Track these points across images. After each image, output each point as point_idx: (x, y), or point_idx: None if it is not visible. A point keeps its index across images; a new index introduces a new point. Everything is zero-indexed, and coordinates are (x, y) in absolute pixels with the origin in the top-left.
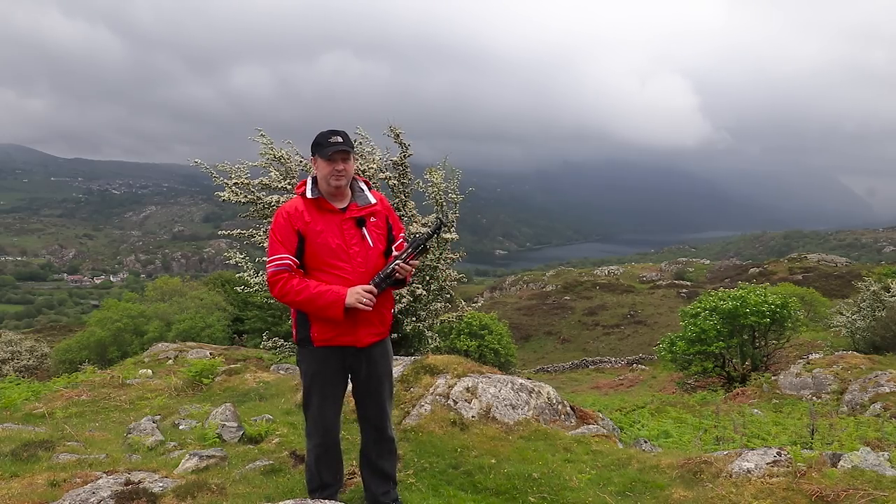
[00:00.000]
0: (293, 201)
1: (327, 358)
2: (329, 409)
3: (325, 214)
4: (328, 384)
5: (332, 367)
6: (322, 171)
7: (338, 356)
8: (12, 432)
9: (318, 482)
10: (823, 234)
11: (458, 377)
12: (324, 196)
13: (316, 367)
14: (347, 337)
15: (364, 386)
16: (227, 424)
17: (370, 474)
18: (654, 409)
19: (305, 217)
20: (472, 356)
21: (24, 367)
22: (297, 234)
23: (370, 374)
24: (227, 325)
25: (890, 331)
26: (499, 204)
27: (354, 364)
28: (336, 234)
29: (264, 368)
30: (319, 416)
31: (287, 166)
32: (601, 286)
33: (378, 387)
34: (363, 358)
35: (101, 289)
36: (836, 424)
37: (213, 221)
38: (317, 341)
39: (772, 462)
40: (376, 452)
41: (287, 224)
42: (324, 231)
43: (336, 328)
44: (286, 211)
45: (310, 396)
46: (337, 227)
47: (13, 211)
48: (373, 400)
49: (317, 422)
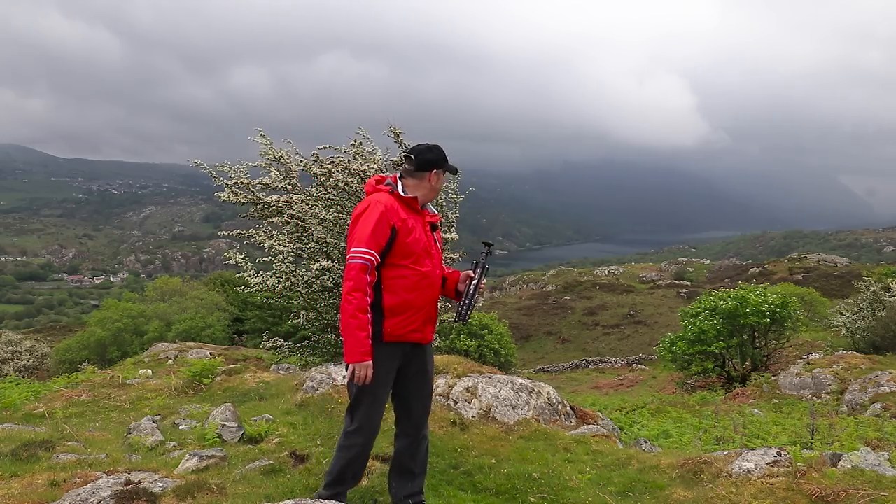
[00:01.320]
0: (384, 196)
1: (389, 356)
2: (377, 411)
3: (413, 214)
4: (382, 385)
5: (388, 368)
6: (434, 184)
7: (398, 354)
8: (12, 432)
9: (338, 478)
10: (823, 234)
11: (458, 377)
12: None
13: (379, 366)
14: (417, 334)
15: (413, 382)
16: (227, 424)
17: (399, 476)
18: (654, 409)
19: (401, 213)
20: (472, 356)
21: (24, 367)
22: (391, 229)
23: (423, 370)
24: (227, 325)
25: (890, 331)
26: (499, 204)
27: (406, 362)
28: (422, 233)
29: (264, 368)
30: (367, 417)
31: (287, 166)
32: (601, 286)
33: (424, 385)
34: (422, 353)
35: (101, 289)
36: (836, 424)
37: (213, 221)
38: (388, 336)
39: (772, 462)
40: (411, 454)
41: (385, 218)
42: (415, 229)
43: (411, 324)
44: (381, 204)
45: (362, 397)
46: (422, 227)
47: (13, 211)
48: (420, 397)
49: (363, 424)
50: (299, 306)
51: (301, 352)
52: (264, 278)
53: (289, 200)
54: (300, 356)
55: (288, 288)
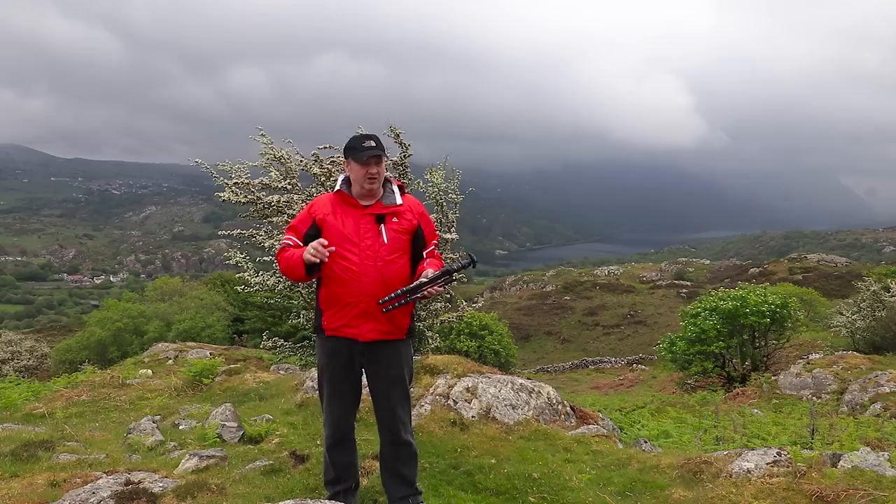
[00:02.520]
0: (324, 195)
1: (337, 350)
2: (337, 404)
3: (347, 208)
4: (336, 378)
5: (340, 361)
6: (356, 174)
7: (345, 349)
8: (12, 432)
9: (332, 474)
10: (823, 234)
11: (458, 377)
12: (349, 192)
13: (326, 359)
14: (351, 329)
15: (373, 386)
16: (227, 424)
17: (389, 477)
18: (654, 409)
19: (328, 208)
20: (472, 356)
21: (24, 367)
22: (312, 220)
23: (378, 376)
24: (227, 325)
25: (890, 331)
26: (499, 204)
27: (365, 363)
28: (351, 224)
29: (264, 368)
30: (328, 408)
31: (287, 166)
32: (601, 286)
33: (387, 389)
34: (372, 357)
35: (101, 289)
36: (836, 424)
37: (213, 221)
38: (326, 330)
39: (772, 462)
40: (392, 456)
41: (308, 210)
42: (339, 220)
43: (342, 318)
44: (312, 202)
45: (321, 388)
46: (353, 219)
47: (13, 211)
48: (382, 402)
49: (326, 416)
50: (299, 306)
51: (301, 352)
52: (264, 278)
53: (289, 200)
54: (300, 356)
55: (288, 288)
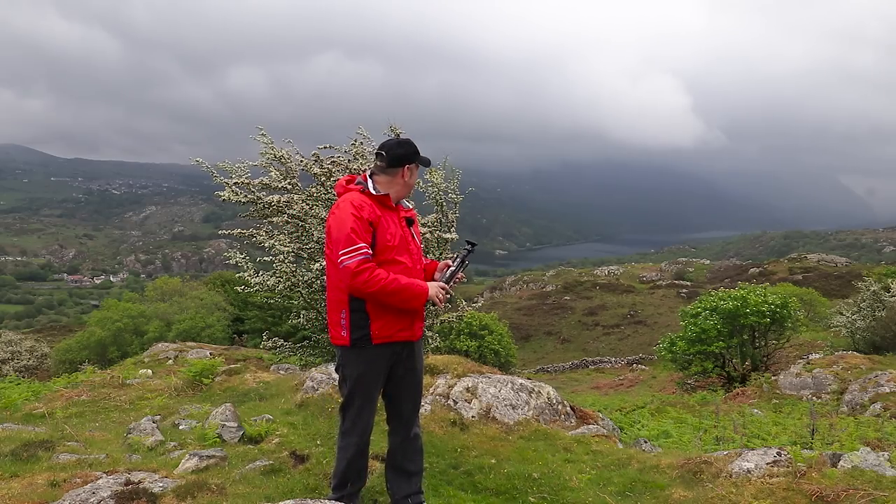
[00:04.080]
0: (354, 196)
1: (379, 357)
2: (369, 411)
3: (387, 211)
4: (373, 385)
5: (378, 368)
6: (409, 180)
7: (388, 355)
8: (12, 432)
9: (342, 479)
10: (823, 234)
11: (458, 377)
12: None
13: (363, 369)
14: (406, 332)
15: (403, 381)
16: (227, 424)
17: (394, 474)
18: (654, 409)
19: (376, 211)
20: (472, 356)
21: (24, 367)
22: (370, 225)
23: (412, 368)
24: (227, 325)
25: (890, 331)
26: (499, 204)
27: (397, 361)
28: (398, 229)
29: (264, 368)
30: (359, 417)
31: (287, 166)
32: (601, 286)
33: (419, 381)
34: (411, 352)
35: (101, 289)
36: (836, 424)
37: (213, 221)
38: (377, 338)
39: (772, 462)
40: (403, 452)
41: (361, 216)
42: (391, 226)
43: (398, 323)
44: (356, 203)
45: (353, 398)
46: (395, 223)
47: (13, 211)
48: (410, 395)
49: (356, 423)
50: (299, 306)
51: (301, 352)
52: (264, 278)
53: (289, 200)
54: (300, 356)
55: (288, 288)
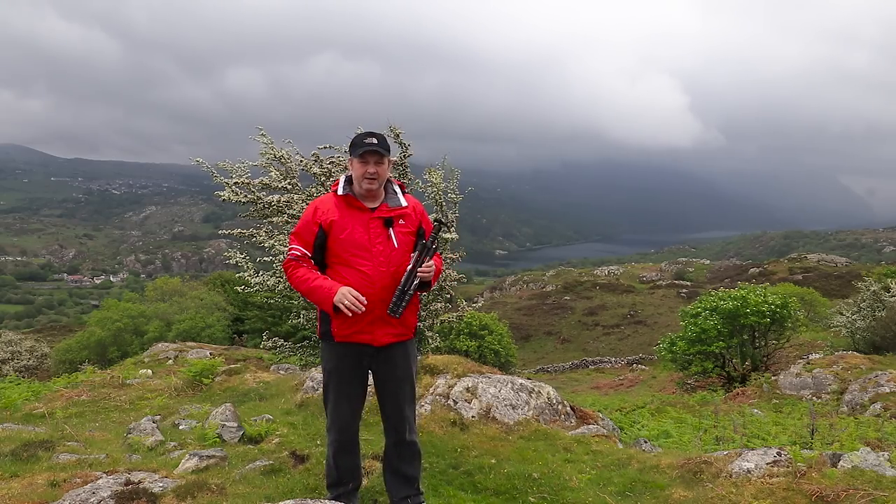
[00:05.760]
0: (325, 196)
1: (346, 355)
2: (344, 407)
3: (354, 212)
4: (344, 381)
5: (349, 365)
6: (356, 172)
7: (355, 354)
8: (12, 432)
9: (335, 477)
10: (823, 234)
11: (458, 377)
12: (354, 194)
13: (334, 363)
14: (365, 335)
15: (382, 387)
16: (227, 424)
17: (391, 477)
18: (654, 409)
19: (333, 213)
20: (472, 356)
21: (24, 367)
22: (318, 227)
23: (388, 377)
24: (227, 325)
25: (890, 331)
26: (499, 204)
27: (373, 364)
28: (361, 231)
29: (264, 368)
30: (336, 412)
31: (287, 166)
32: (601, 286)
33: (396, 389)
34: (382, 358)
35: (101, 289)
36: (836, 424)
37: (213, 221)
38: (337, 336)
39: (772, 462)
40: (396, 455)
41: (310, 218)
42: (349, 227)
43: (354, 325)
44: (314, 205)
45: (327, 392)
46: (363, 225)
47: (13, 211)
48: (391, 402)
49: (333, 419)
50: (299, 306)
51: (301, 352)
52: (264, 278)
53: (289, 200)
54: (300, 356)
55: (288, 288)
